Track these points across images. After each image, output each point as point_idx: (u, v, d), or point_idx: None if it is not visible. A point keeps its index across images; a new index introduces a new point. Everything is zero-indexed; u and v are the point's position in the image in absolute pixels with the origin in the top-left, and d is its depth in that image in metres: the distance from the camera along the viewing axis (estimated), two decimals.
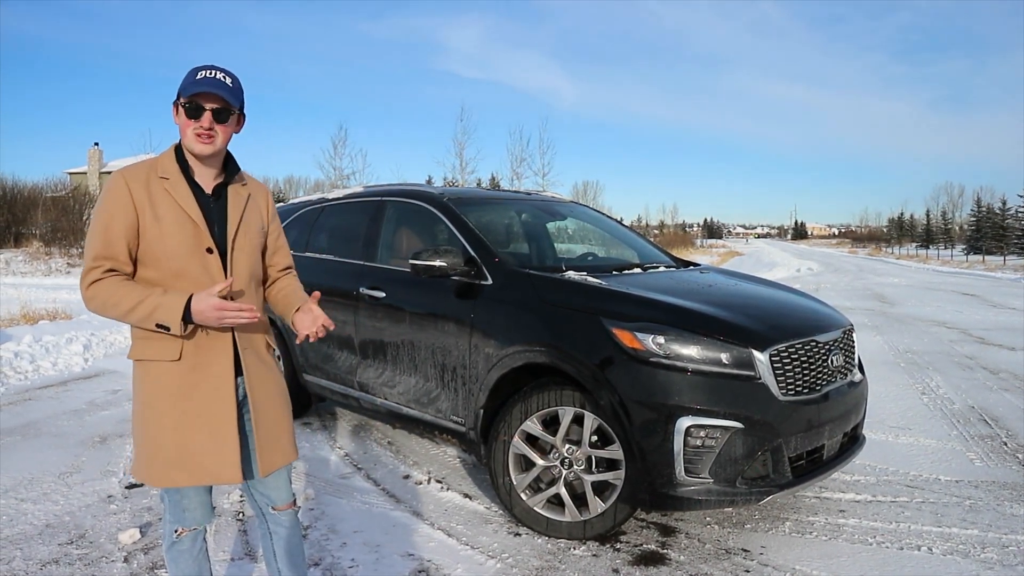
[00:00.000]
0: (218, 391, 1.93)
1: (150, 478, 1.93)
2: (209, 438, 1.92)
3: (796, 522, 3.32)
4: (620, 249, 4.70)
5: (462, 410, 3.54)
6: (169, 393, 1.90)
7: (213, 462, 1.92)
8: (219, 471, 1.93)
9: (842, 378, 3.29)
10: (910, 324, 10.22)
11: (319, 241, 4.83)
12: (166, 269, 1.89)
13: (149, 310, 1.81)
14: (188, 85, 1.90)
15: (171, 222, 1.89)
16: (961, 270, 29.77)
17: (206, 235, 1.93)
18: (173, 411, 1.90)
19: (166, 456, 1.90)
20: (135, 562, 2.90)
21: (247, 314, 1.82)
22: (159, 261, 1.88)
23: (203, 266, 1.92)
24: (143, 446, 1.94)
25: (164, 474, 1.91)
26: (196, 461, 1.91)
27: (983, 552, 3.01)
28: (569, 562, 2.94)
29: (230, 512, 3.41)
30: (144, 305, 1.81)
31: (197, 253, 1.91)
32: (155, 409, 1.91)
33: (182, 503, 2.01)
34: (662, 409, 2.82)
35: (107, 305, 1.84)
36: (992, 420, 5.02)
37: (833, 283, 19.55)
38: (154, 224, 1.87)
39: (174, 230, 1.89)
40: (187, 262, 1.90)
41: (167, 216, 1.89)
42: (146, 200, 1.88)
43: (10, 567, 2.84)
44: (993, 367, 6.97)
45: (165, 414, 1.90)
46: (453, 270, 3.51)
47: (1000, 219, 53.09)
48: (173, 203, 1.90)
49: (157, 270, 1.89)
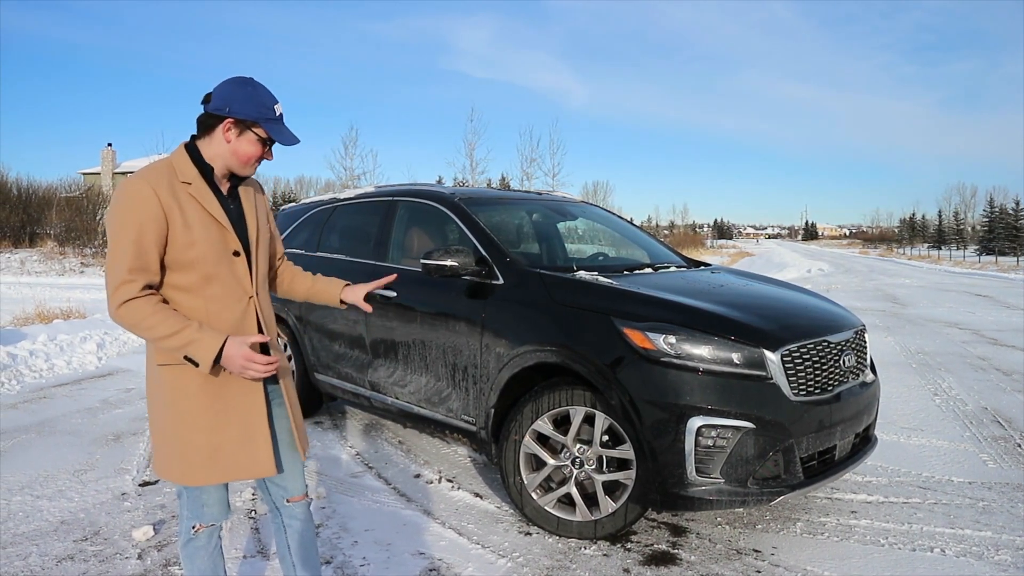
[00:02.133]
0: (249, 388, 1.96)
1: (184, 478, 1.95)
2: (242, 434, 1.95)
3: (808, 523, 3.31)
4: (631, 249, 4.70)
5: (473, 409, 3.55)
6: (204, 393, 1.91)
7: (247, 458, 1.96)
8: (253, 466, 1.97)
9: (854, 378, 3.28)
10: (922, 325, 10.16)
11: (331, 241, 4.85)
12: (197, 274, 1.89)
13: (183, 342, 1.81)
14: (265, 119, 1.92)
15: (200, 227, 1.89)
16: (974, 271, 29.54)
17: (233, 238, 1.96)
18: (207, 411, 1.92)
19: (200, 455, 1.92)
20: (149, 559, 2.93)
21: (271, 368, 1.87)
22: (191, 266, 1.88)
23: (231, 269, 1.94)
24: (173, 447, 1.94)
25: (199, 473, 1.94)
26: (231, 458, 1.94)
27: (997, 554, 3.00)
28: (580, 561, 2.94)
29: (243, 510, 3.44)
30: (179, 336, 1.81)
31: (225, 257, 1.93)
32: (187, 410, 1.91)
33: (202, 499, 2.03)
34: (673, 409, 2.81)
35: (140, 327, 1.83)
36: (1005, 421, 4.98)
37: (844, 284, 19.45)
38: (185, 231, 1.86)
39: (204, 235, 1.89)
40: (216, 266, 1.91)
41: (196, 222, 1.88)
42: (175, 206, 1.86)
43: (26, 563, 2.88)
44: (1006, 368, 6.92)
45: (199, 415, 1.91)
46: (464, 270, 3.52)
47: (1013, 220, 52.71)
48: (199, 208, 1.90)
49: (187, 276, 1.89)
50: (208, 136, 1.94)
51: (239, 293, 1.97)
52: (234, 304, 1.95)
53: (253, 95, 1.92)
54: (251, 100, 1.91)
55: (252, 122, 1.91)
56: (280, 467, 2.05)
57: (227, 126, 1.91)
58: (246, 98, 1.91)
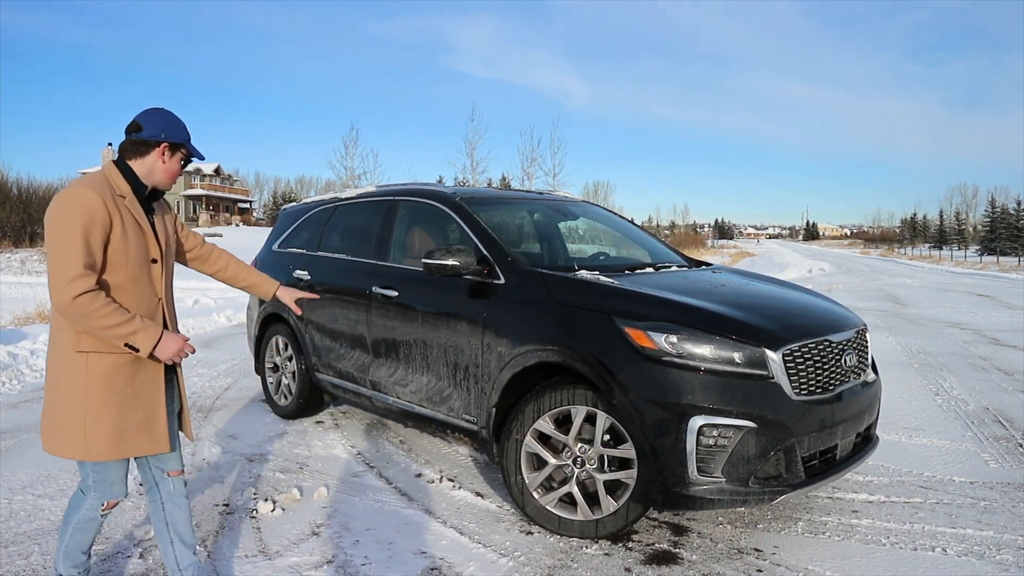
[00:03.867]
0: (153, 376, 2.31)
1: (91, 455, 2.23)
2: (146, 416, 2.30)
3: (809, 522, 3.31)
4: (632, 249, 4.70)
5: (474, 409, 3.55)
6: (117, 379, 2.22)
7: (148, 437, 2.30)
8: (153, 444, 2.32)
9: (855, 378, 3.28)
10: (923, 325, 10.16)
11: (332, 240, 4.86)
12: (125, 275, 2.23)
13: (130, 331, 2.16)
14: (187, 140, 2.34)
15: (133, 235, 2.24)
16: (975, 271, 29.52)
17: (155, 246, 2.33)
18: (119, 395, 2.23)
19: (108, 434, 2.22)
20: (151, 558, 2.93)
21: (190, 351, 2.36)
22: (122, 268, 2.21)
23: (148, 274, 2.31)
24: (83, 427, 2.21)
25: (107, 450, 2.23)
26: (135, 437, 2.27)
27: (999, 554, 2.99)
28: (581, 561, 2.94)
29: (244, 510, 3.44)
30: (127, 326, 2.15)
31: (145, 263, 2.29)
32: (100, 393, 2.20)
33: (110, 478, 2.32)
34: (675, 408, 2.81)
35: (91, 316, 2.11)
36: (1007, 421, 4.98)
37: (845, 284, 19.44)
38: (122, 237, 2.20)
39: (135, 242, 2.24)
40: (139, 271, 2.27)
41: (130, 230, 2.23)
42: (116, 214, 2.19)
43: (28, 562, 2.88)
44: (1008, 368, 6.92)
45: (111, 397, 2.21)
46: (466, 269, 3.52)
47: (1015, 220, 52.67)
48: (132, 219, 2.25)
49: (117, 276, 2.21)
50: (140, 159, 2.29)
51: (151, 295, 2.33)
52: (147, 304, 2.31)
53: (179, 123, 2.35)
54: (179, 127, 2.34)
55: (181, 144, 2.33)
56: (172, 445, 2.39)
57: (163, 150, 2.29)
58: (175, 126, 2.33)
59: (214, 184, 63.62)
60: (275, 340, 5.17)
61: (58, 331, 2.24)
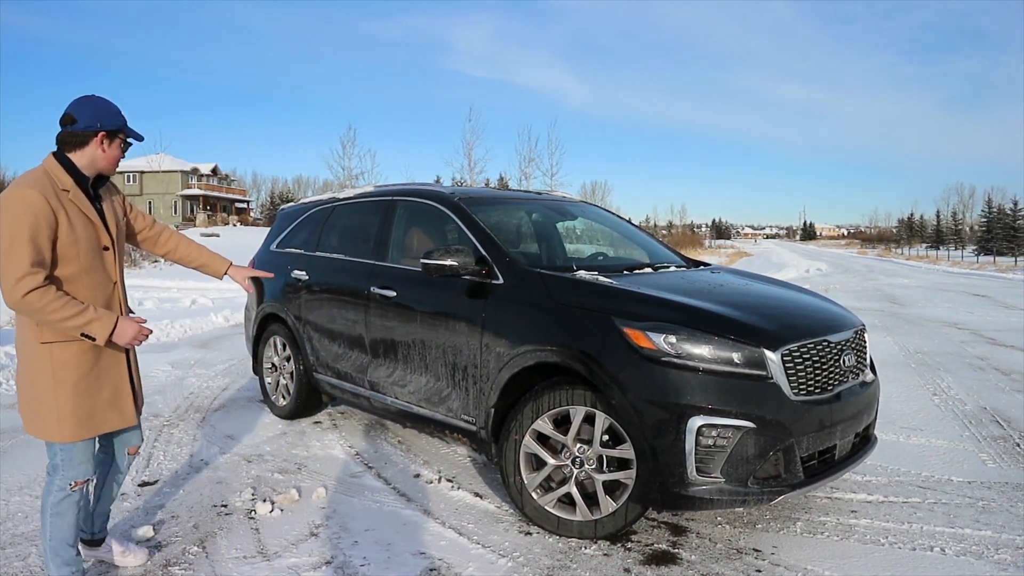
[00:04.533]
0: (116, 357, 2.48)
1: (64, 436, 2.38)
2: (112, 394, 2.47)
3: (808, 522, 3.31)
4: (631, 249, 4.70)
5: (473, 409, 3.55)
6: (82, 364, 2.36)
7: (116, 413, 2.49)
8: (120, 420, 2.51)
9: (854, 378, 3.28)
10: (921, 325, 10.17)
11: (330, 241, 4.85)
12: (77, 266, 2.32)
13: (85, 321, 2.26)
14: (124, 125, 2.41)
15: (80, 227, 2.32)
16: (972, 271, 29.57)
17: (105, 235, 2.43)
18: (85, 379, 2.38)
19: (79, 415, 2.37)
20: (149, 559, 2.92)
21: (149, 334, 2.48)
22: (73, 259, 2.30)
23: (101, 261, 2.41)
24: (54, 411, 2.36)
25: (78, 430, 2.39)
26: (103, 415, 2.45)
27: (997, 553, 3.00)
28: (580, 561, 2.94)
29: (242, 510, 3.43)
30: (81, 317, 2.25)
31: (97, 251, 2.39)
32: (67, 379, 2.35)
33: (77, 457, 2.45)
34: (674, 408, 2.81)
35: (45, 311, 2.21)
36: (1004, 421, 4.99)
37: (843, 284, 19.47)
38: (69, 230, 2.28)
39: (83, 234, 2.33)
40: (92, 260, 2.36)
41: (77, 222, 2.31)
42: (61, 209, 2.27)
43: (25, 563, 2.87)
44: (1005, 368, 6.93)
45: (78, 382, 2.36)
46: (464, 269, 3.51)
47: (1012, 220, 52.79)
48: (78, 211, 2.33)
49: (69, 267, 2.31)
50: (80, 150, 2.35)
51: (107, 281, 2.44)
52: (103, 291, 2.42)
53: (112, 108, 2.40)
54: (113, 113, 2.39)
55: (118, 130, 2.40)
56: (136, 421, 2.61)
57: (100, 139, 2.36)
58: (110, 113, 2.38)
59: (211, 184, 63.54)
60: (273, 340, 5.16)
61: (22, 324, 2.38)
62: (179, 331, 9.36)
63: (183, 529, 3.22)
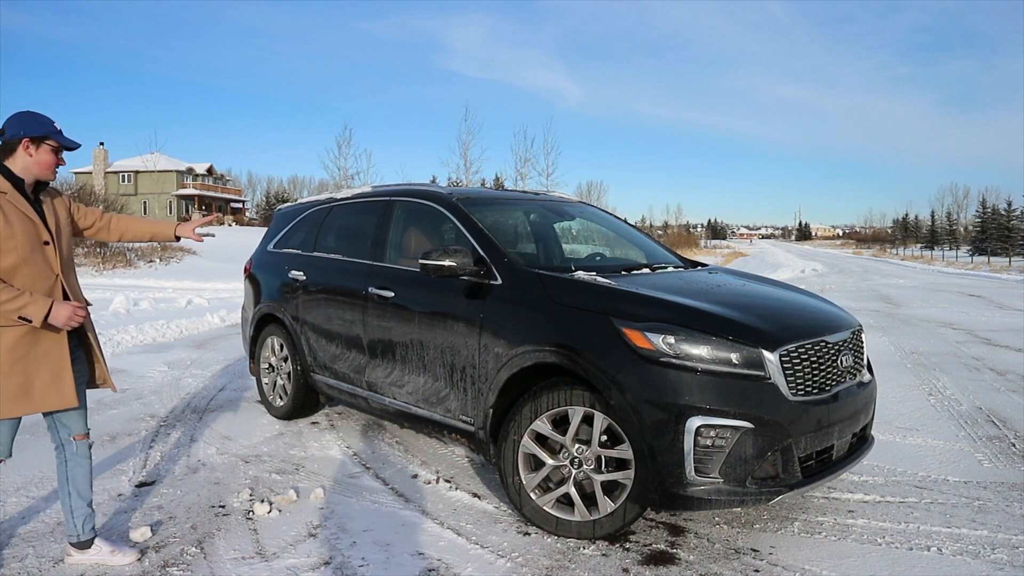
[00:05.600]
0: (56, 341, 2.65)
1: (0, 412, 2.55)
2: (52, 375, 2.64)
3: (805, 522, 3.32)
4: (628, 249, 4.70)
5: (471, 410, 3.55)
6: (20, 346, 2.56)
7: (56, 393, 2.65)
8: (60, 400, 2.67)
9: (851, 378, 3.29)
10: (916, 325, 10.20)
11: (327, 241, 4.85)
12: (18, 257, 2.55)
13: (20, 305, 2.50)
14: (53, 132, 2.65)
15: (18, 224, 2.57)
16: (967, 271, 29.68)
17: (44, 231, 2.65)
18: (23, 359, 2.57)
19: (14, 393, 2.56)
20: (147, 560, 2.91)
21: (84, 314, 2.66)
22: (12, 252, 2.53)
23: (43, 255, 2.64)
24: None
25: (13, 408, 2.57)
26: (42, 394, 2.62)
27: (993, 553, 3.01)
28: (579, 561, 2.94)
29: (240, 511, 3.43)
30: (17, 301, 2.50)
31: (38, 246, 2.62)
32: (6, 361, 2.54)
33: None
34: (672, 409, 2.82)
35: None
36: (1000, 421, 5.01)
37: (838, 284, 19.52)
38: (7, 227, 2.54)
39: (21, 230, 2.57)
40: (32, 253, 2.59)
41: (15, 220, 2.56)
42: None
43: (23, 564, 2.86)
44: (1000, 368, 6.96)
45: (15, 364, 2.55)
46: (462, 270, 3.51)
47: (1006, 220, 52.98)
48: (16, 210, 2.58)
49: (8, 260, 2.53)
50: (11, 157, 2.61)
51: (48, 273, 2.65)
52: (45, 281, 2.63)
53: (38, 118, 2.65)
54: (37, 122, 2.64)
55: (43, 136, 2.63)
56: (80, 403, 2.75)
57: (25, 144, 2.61)
58: (34, 122, 2.64)
59: (207, 184, 63.32)
60: (270, 341, 5.15)
61: None
62: (175, 331, 9.34)
63: (181, 530, 3.21)
